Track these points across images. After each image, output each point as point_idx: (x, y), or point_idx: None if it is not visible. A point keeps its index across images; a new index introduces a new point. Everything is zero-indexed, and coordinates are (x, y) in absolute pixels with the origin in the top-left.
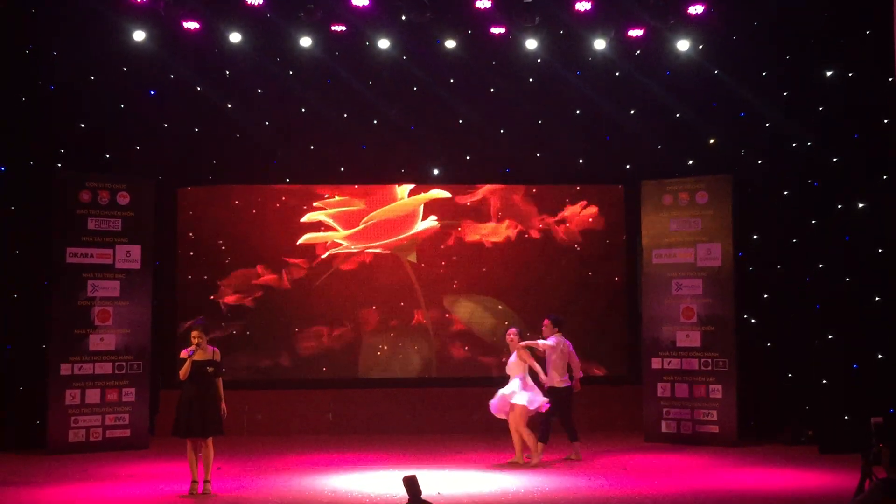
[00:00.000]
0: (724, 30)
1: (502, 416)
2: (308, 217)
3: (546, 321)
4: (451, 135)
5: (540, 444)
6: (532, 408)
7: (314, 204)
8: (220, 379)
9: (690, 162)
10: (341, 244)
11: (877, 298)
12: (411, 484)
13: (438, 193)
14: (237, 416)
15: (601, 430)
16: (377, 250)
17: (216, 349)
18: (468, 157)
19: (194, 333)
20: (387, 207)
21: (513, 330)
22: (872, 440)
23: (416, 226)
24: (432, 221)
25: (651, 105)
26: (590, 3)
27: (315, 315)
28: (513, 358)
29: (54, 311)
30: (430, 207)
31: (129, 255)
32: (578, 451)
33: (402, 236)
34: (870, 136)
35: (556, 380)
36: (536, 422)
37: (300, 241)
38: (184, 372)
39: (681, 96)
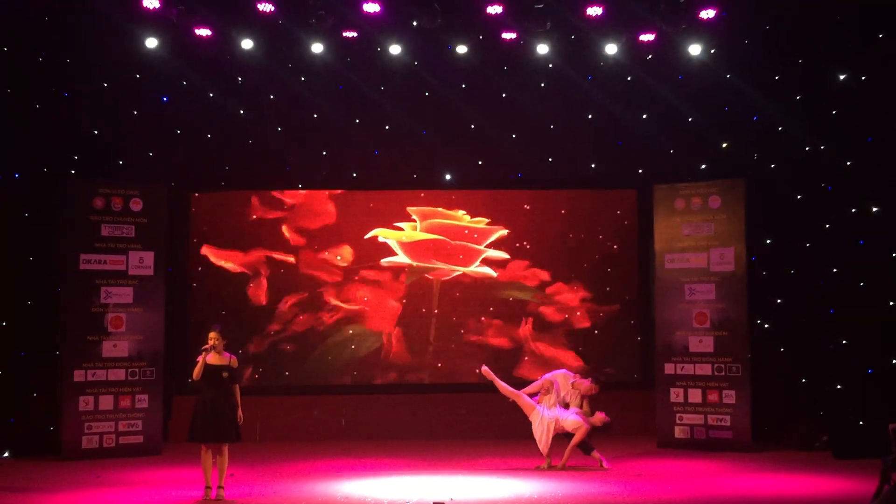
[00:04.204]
0: (736, 34)
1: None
2: (376, 232)
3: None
4: (463, 140)
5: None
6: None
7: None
8: (237, 386)
9: (703, 166)
10: (397, 255)
11: (891, 303)
12: None
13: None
14: (250, 423)
15: (614, 435)
16: (428, 274)
17: (233, 356)
18: (480, 163)
19: (212, 334)
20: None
21: (597, 387)
22: (891, 446)
23: (473, 265)
24: (489, 270)
25: (663, 109)
26: (601, 8)
27: (326, 321)
28: (576, 419)
29: (68, 318)
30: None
31: (142, 262)
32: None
33: (457, 270)
34: (883, 140)
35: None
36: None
37: (369, 235)
38: (197, 371)
39: (693, 100)
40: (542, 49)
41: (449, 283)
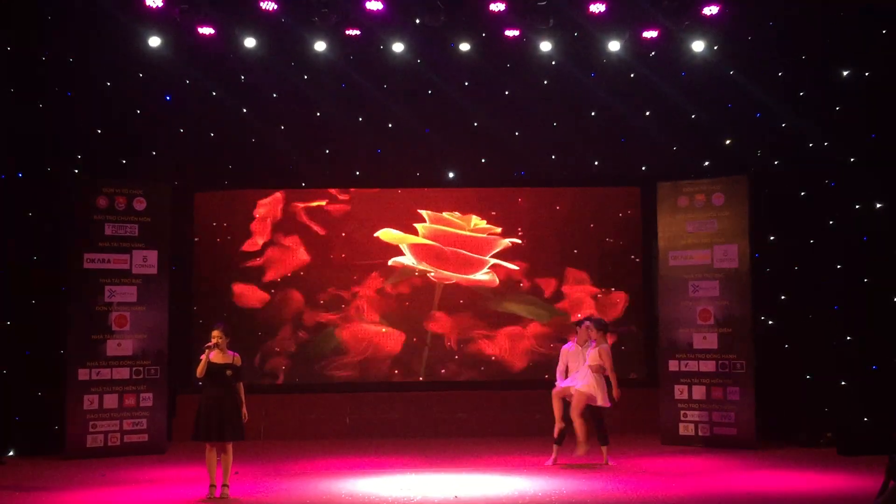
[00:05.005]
0: (739, 30)
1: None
2: (383, 234)
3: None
4: (466, 138)
5: (604, 447)
6: (590, 400)
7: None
8: (241, 384)
9: (706, 163)
10: (404, 255)
11: (895, 299)
12: None
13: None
14: (255, 421)
15: (618, 432)
16: (430, 275)
17: (236, 354)
18: (483, 160)
19: (215, 332)
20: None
21: (588, 323)
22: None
23: (477, 274)
24: (493, 275)
25: (666, 106)
26: (604, 5)
27: (328, 320)
28: (591, 353)
29: (72, 317)
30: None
31: (146, 261)
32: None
33: (459, 276)
34: (886, 136)
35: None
36: (590, 423)
37: (377, 233)
38: (200, 369)
39: (696, 97)
40: (545, 46)
41: (451, 284)
